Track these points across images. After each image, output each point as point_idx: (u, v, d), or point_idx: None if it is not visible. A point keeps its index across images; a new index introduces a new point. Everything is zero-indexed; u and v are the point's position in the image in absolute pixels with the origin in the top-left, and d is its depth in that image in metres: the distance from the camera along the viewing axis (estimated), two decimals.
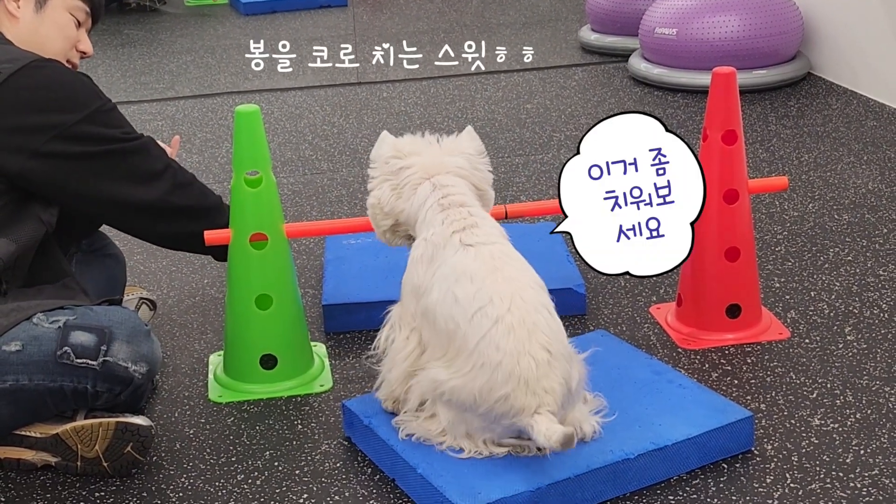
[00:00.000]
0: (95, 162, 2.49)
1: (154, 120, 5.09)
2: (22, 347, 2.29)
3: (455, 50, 4.58)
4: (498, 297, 2.15)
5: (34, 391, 2.30)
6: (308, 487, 2.29)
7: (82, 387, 2.31)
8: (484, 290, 2.16)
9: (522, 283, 2.20)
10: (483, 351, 2.12)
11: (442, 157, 2.38)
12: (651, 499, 2.19)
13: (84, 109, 2.46)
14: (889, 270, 3.15)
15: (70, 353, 2.30)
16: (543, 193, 3.90)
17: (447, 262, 2.23)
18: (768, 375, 2.63)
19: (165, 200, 2.58)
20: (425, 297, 2.25)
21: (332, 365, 2.80)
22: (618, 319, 2.96)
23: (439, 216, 2.29)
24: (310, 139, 4.70)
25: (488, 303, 2.14)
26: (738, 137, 2.77)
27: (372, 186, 2.43)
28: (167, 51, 6.60)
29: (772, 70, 5.01)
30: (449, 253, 2.24)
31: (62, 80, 2.47)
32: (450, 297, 2.19)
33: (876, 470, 2.25)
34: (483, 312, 2.14)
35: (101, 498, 2.29)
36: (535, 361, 2.11)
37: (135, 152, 2.54)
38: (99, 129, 2.48)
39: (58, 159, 2.44)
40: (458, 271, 2.20)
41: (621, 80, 5.37)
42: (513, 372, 2.10)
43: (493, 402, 2.11)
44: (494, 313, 2.13)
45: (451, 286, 2.20)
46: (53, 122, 2.43)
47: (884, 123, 4.47)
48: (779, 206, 3.66)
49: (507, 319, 2.13)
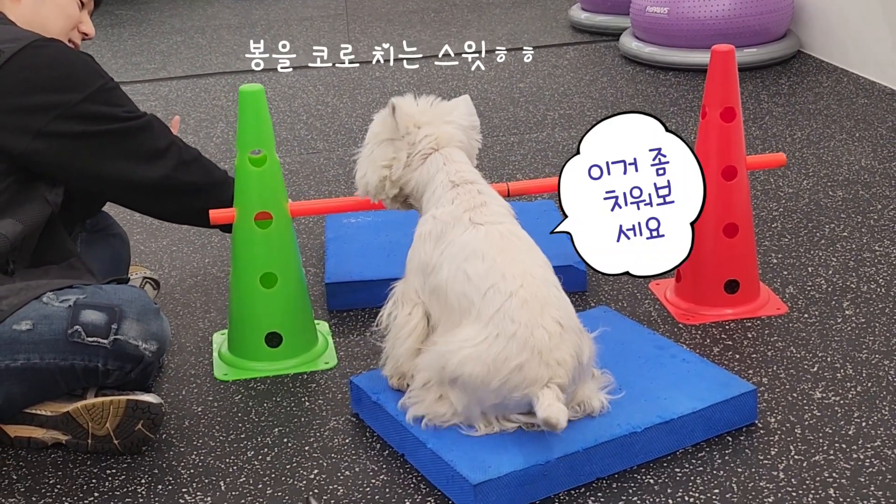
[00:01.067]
0: (99, 141, 2.49)
1: (147, 100, 5.09)
2: (33, 326, 2.31)
3: (447, 34, 4.57)
4: (510, 275, 2.18)
5: (45, 369, 2.32)
6: (318, 463, 2.32)
7: (93, 365, 2.33)
8: (495, 268, 2.19)
9: (531, 262, 2.23)
10: (498, 322, 2.15)
11: (448, 127, 2.39)
12: (658, 471, 2.23)
13: (86, 88, 2.47)
14: (885, 246, 3.19)
15: (81, 332, 2.31)
16: (539, 172, 3.93)
17: (457, 241, 2.25)
18: (769, 350, 2.67)
19: (170, 178, 2.59)
20: (434, 274, 2.27)
21: (336, 342, 2.82)
22: (618, 296, 2.98)
23: (449, 194, 2.31)
24: (304, 119, 4.71)
25: (500, 279, 2.17)
26: (736, 115, 2.80)
27: (380, 154, 2.41)
28: (157, 31, 6.59)
29: (762, 48, 5.04)
30: (458, 231, 2.26)
31: (64, 59, 2.48)
32: (461, 275, 2.21)
33: (878, 441, 2.29)
34: (496, 289, 2.17)
35: (112, 475, 2.31)
36: (548, 333, 2.14)
37: (138, 130, 2.55)
38: (102, 108, 2.49)
39: (61, 139, 2.45)
40: (469, 250, 2.23)
41: (613, 58, 5.39)
42: (527, 342, 2.13)
43: (508, 373, 2.13)
44: (507, 289, 2.16)
45: (461, 264, 2.22)
46: (56, 102, 2.43)
47: (875, 101, 4.51)
48: (774, 184, 3.69)
49: (520, 294, 2.16)
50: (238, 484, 2.26)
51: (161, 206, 2.66)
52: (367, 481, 2.25)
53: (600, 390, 2.31)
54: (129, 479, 2.30)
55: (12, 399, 2.35)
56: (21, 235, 2.43)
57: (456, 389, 2.21)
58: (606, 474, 2.22)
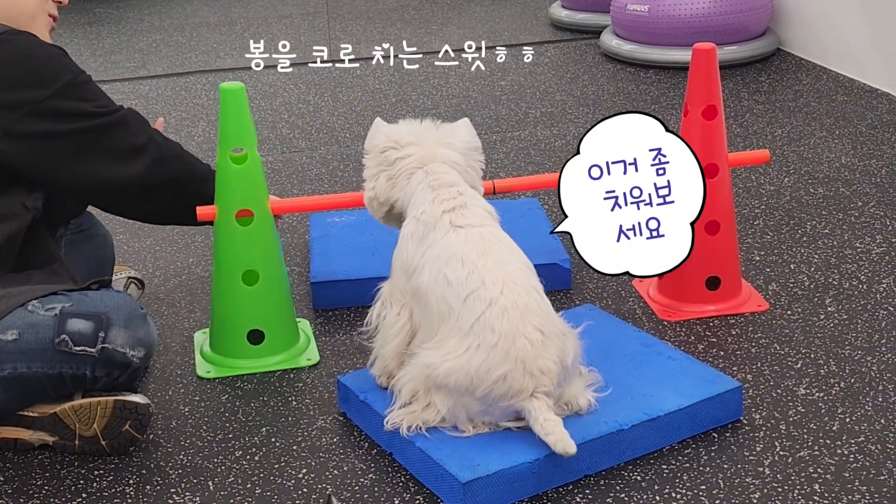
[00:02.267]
0: (71, 139, 2.43)
1: (127, 99, 5.07)
2: (19, 336, 2.28)
3: (428, 31, 4.56)
4: (490, 280, 2.18)
5: (33, 378, 2.30)
6: (307, 462, 2.32)
7: (81, 373, 2.32)
8: (475, 273, 2.19)
9: (512, 266, 2.24)
10: (478, 332, 2.15)
11: (438, 148, 2.40)
12: (645, 468, 2.24)
13: (55, 83, 2.39)
14: (865, 243, 3.21)
15: (68, 341, 2.29)
16: (522, 170, 3.94)
17: (437, 244, 2.26)
18: (753, 346, 2.69)
19: (149, 176, 2.53)
20: (416, 276, 2.28)
21: (322, 341, 2.82)
22: (603, 293, 3.00)
23: (430, 195, 2.32)
24: (286, 117, 4.71)
25: (480, 286, 2.18)
26: (717, 112, 2.81)
27: (367, 176, 2.45)
28: (136, 29, 6.57)
29: (742, 46, 5.06)
30: (439, 234, 2.27)
31: (32, 53, 2.40)
32: (441, 279, 2.22)
33: (862, 437, 2.31)
34: (476, 295, 2.17)
35: (100, 476, 2.31)
36: (529, 342, 2.15)
37: (112, 126, 2.48)
38: (72, 104, 2.42)
39: (31, 139, 2.39)
40: (449, 253, 2.23)
41: (593, 56, 5.41)
42: (509, 352, 2.14)
43: (492, 383, 2.14)
44: (487, 296, 2.17)
45: (441, 268, 2.22)
46: (23, 99, 2.37)
47: (854, 98, 4.54)
48: (755, 181, 3.71)
49: (500, 302, 2.16)
50: (227, 484, 2.27)
51: (140, 207, 2.61)
52: (356, 480, 2.26)
53: (587, 388, 2.32)
54: (117, 480, 2.29)
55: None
56: (1, 243, 2.38)
57: (442, 394, 2.22)
58: (594, 471, 2.23)
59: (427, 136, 2.41)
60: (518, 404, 2.17)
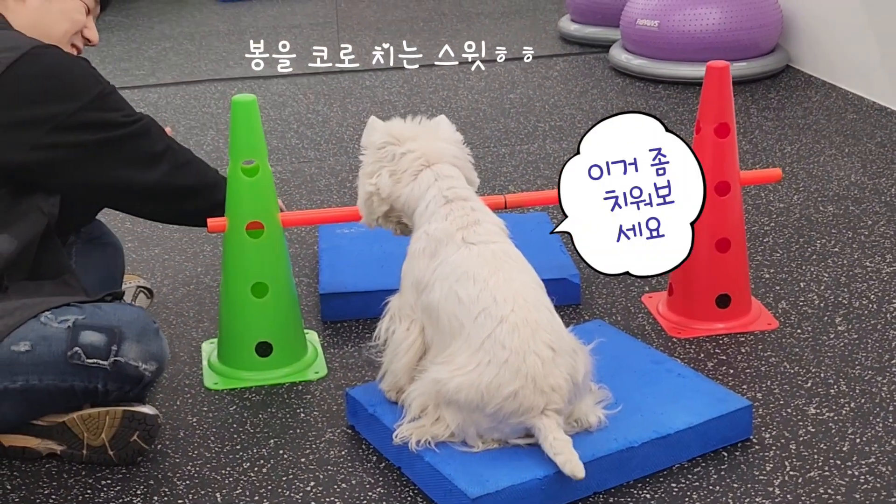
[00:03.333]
0: (98, 149, 2.47)
1: (137, 107, 4.99)
2: (31, 347, 2.28)
3: (437, 44, 4.55)
4: (501, 298, 2.18)
5: (44, 390, 2.30)
6: (315, 475, 2.32)
7: (93, 386, 2.31)
8: (487, 291, 2.19)
9: (523, 283, 2.23)
10: (489, 349, 2.15)
11: (440, 143, 2.39)
12: (654, 486, 2.23)
13: (84, 97, 2.44)
14: (875, 262, 3.21)
15: (81, 354, 2.29)
16: (531, 184, 3.94)
17: (449, 261, 2.25)
18: (762, 365, 2.68)
19: (166, 182, 2.57)
20: (427, 293, 2.27)
21: (330, 353, 2.82)
22: (612, 309, 2.99)
23: (442, 210, 2.31)
24: (295, 128, 4.71)
25: (492, 303, 2.17)
26: (730, 130, 2.81)
27: (365, 173, 2.42)
28: (145, 37, 6.57)
29: (752, 62, 5.06)
30: (451, 250, 2.26)
31: (62, 67, 2.45)
32: (453, 297, 2.21)
33: (872, 458, 2.30)
34: (487, 313, 2.17)
35: (107, 486, 2.31)
36: (540, 359, 2.14)
37: (136, 135, 2.52)
38: (100, 115, 2.46)
39: (59, 149, 2.42)
40: (461, 271, 2.23)
41: (602, 70, 5.41)
42: (520, 369, 2.13)
43: (503, 400, 2.14)
44: (498, 313, 2.16)
45: (452, 285, 2.22)
46: (54, 113, 2.41)
47: (863, 116, 4.54)
48: (764, 198, 3.71)
49: (511, 319, 2.16)
50: (234, 496, 2.26)
51: (154, 209, 2.66)
52: (364, 494, 2.25)
53: (597, 405, 2.31)
54: (125, 490, 2.29)
55: (8, 418, 2.34)
56: (17, 251, 2.39)
57: (451, 409, 2.21)
58: (603, 489, 2.22)
59: (422, 132, 2.40)
60: (528, 422, 2.16)
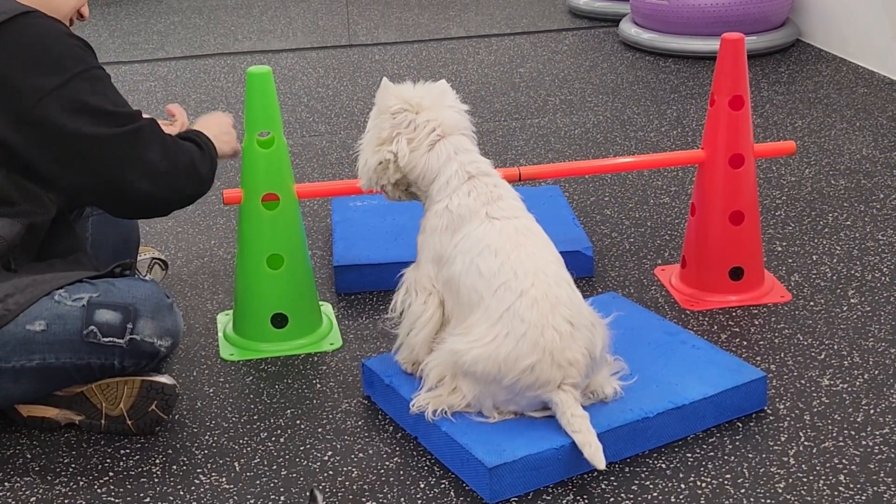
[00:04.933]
0: (87, 142, 2.31)
1: (147, 80, 5.08)
2: (47, 326, 2.27)
3: (446, 17, 4.53)
4: (522, 272, 2.19)
5: (61, 368, 2.30)
6: (332, 445, 2.33)
7: (109, 363, 2.32)
8: (508, 265, 2.20)
9: (545, 259, 2.24)
10: (508, 322, 2.16)
11: (453, 113, 2.36)
12: (670, 456, 2.25)
13: (66, 72, 2.28)
14: (888, 235, 3.21)
15: (96, 332, 2.29)
16: (542, 157, 3.94)
17: (472, 235, 2.26)
18: (776, 337, 2.69)
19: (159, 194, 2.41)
20: (448, 266, 2.28)
21: (345, 325, 2.83)
22: (625, 281, 3.00)
23: (465, 186, 2.30)
24: (305, 101, 4.71)
25: (512, 277, 2.18)
26: (744, 103, 2.81)
27: (379, 138, 2.35)
28: (154, 11, 6.56)
29: (762, 36, 5.05)
30: (474, 225, 2.26)
31: (49, 39, 2.29)
32: (474, 270, 2.22)
33: (886, 429, 2.31)
34: (507, 286, 2.18)
35: (126, 455, 2.32)
36: (558, 333, 2.16)
37: (129, 137, 2.34)
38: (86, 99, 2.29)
39: (45, 129, 2.28)
40: (483, 245, 2.23)
41: (612, 44, 5.40)
42: (538, 342, 2.14)
43: (520, 372, 2.15)
44: (518, 287, 2.17)
45: (474, 258, 2.23)
46: (35, 86, 2.26)
47: (874, 90, 4.53)
48: (776, 172, 3.71)
49: (530, 293, 2.17)
50: (252, 465, 2.28)
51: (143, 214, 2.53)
52: (381, 463, 2.27)
53: (612, 377, 2.32)
54: (144, 460, 2.31)
55: (27, 394, 2.35)
56: (20, 235, 2.33)
57: (468, 380, 2.22)
58: (619, 459, 2.24)
59: (434, 99, 2.35)
60: (545, 395, 2.18)
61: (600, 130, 4.17)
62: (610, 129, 4.19)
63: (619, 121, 4.28)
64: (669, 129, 4.17)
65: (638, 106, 4.45)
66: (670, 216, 3.40)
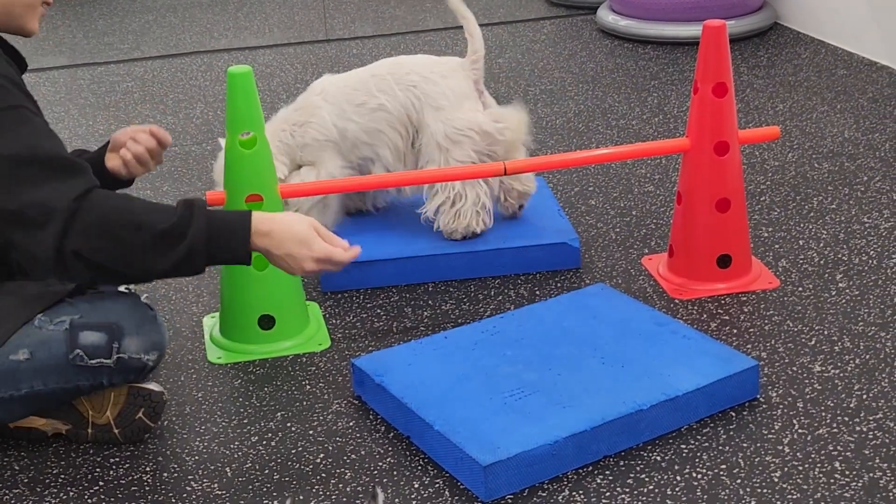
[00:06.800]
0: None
1: (123, 81, 5.03)
2: (31, 354, 2.23)
3: (423, 9, 4.51)
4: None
5: (50, 392, 2.27)
6: (323, 447, 2.31)
7: (98, 382, 2.28)
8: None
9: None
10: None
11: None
12: (664, 448, 2.24)
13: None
14: (873, 218, 3.21)
15: (83, 356, 2.25)
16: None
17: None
18: (766, 324, 2.68)
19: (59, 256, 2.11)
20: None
21: (331, 324, 2.81)
22: (612, 272, 2.99)
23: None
24: (285, 98, 4.66)
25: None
26: (728, 90, 2.80)
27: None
28: (128, 10, 6.51)
29: (740, 20, 5.04)
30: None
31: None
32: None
33: (880, 413, 2.31)
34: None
35: (116, 464, 2.30)
36: None
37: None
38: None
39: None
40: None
41: (590, 32, 5.38)
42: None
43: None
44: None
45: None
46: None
47: (853, 72, 4.53)
48: (759, 157, 3.70)
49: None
50: (244, 470, 2.25)
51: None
52: (374, 464, 2.25)
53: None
54: (134, 468, 2.28)
55: (18, 417, 2.33)
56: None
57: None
58: (613, 452, 2.23)
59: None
60: None
61: (582, 119, 4.16)
62: (591, 118, 4.17)
63: (601, 109, 4.26)
64: (651, 117, 4.16)
65: (618, 94, 4.44)
66: (655, 204, 3.39)
